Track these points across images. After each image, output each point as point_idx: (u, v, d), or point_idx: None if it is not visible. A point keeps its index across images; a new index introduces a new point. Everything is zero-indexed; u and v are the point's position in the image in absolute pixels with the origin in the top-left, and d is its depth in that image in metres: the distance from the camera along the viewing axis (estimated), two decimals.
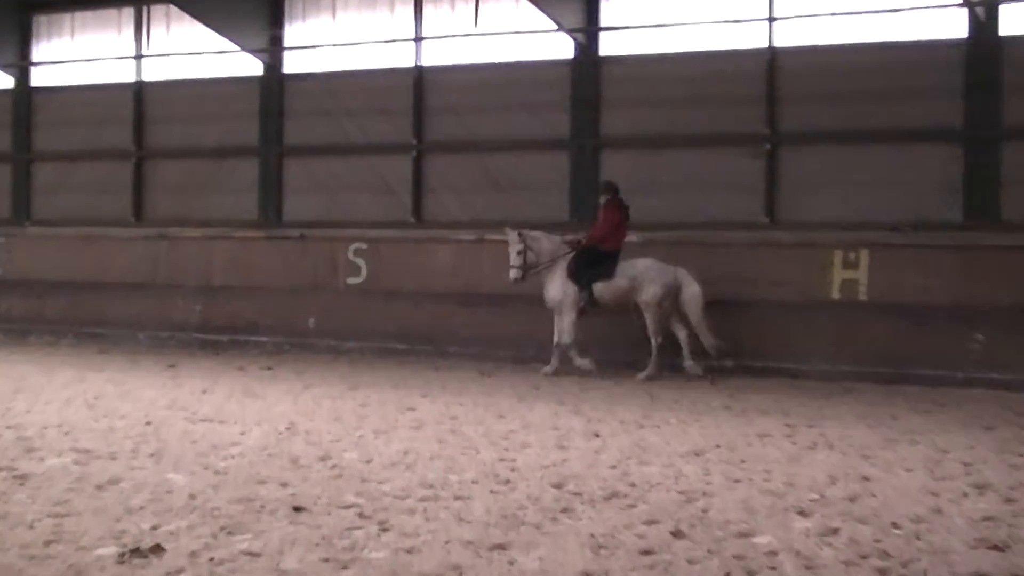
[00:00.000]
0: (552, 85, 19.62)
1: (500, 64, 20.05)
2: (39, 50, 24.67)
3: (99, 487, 8.53)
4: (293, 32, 21.98)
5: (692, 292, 16.35)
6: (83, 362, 18.04)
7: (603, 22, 19.44)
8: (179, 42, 22.88)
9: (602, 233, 16.76)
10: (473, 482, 8.94)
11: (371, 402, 13.61)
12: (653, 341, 16.47)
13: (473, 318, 18.94)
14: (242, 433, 11.17)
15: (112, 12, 23.71)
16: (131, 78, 23.43)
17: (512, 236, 17.10)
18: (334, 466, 9.49)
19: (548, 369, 16.83)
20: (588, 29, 19.35)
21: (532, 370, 17.15)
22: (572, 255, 16.91)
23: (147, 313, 21.49)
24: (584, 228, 17.57)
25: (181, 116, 22.85)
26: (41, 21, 24.58)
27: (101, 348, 20.48)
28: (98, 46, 23.87)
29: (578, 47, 19.48)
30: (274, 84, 21.94)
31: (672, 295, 16.45)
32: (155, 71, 23.33)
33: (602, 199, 16.97)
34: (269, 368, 17.53)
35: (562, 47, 19.73)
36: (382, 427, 11.65)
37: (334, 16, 21.53)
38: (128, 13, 23.54)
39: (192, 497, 8.26)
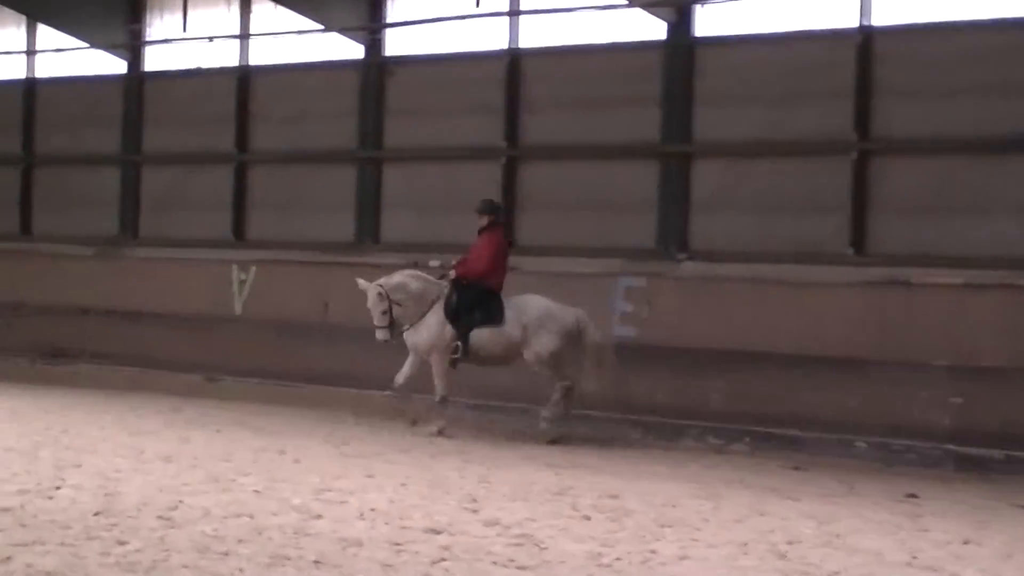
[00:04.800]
0: None
1: None
2: None
3: None
4: None
5: (594, 339, 17.07)
6: (761, 481, 15.33)
7: None
8: None
9: (485, 267, 16.88)
10: None
11: None
12: (558, 384, 17.08)
13: None
14: None
15: None
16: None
17: (371, 293, 17.27)
18: None
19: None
20: None
21: None
22: (449, 293, 17.28)
23: (866, 406, 17.77)
24: None
25: None
26: None
27: (793, 460, 17.32)
28: None
29: None
30: None
31: (571, 343, 17.00)
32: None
33: (481, 222, 17.15)
34: None
35: None
36: None
37: None
38: None
39: None
